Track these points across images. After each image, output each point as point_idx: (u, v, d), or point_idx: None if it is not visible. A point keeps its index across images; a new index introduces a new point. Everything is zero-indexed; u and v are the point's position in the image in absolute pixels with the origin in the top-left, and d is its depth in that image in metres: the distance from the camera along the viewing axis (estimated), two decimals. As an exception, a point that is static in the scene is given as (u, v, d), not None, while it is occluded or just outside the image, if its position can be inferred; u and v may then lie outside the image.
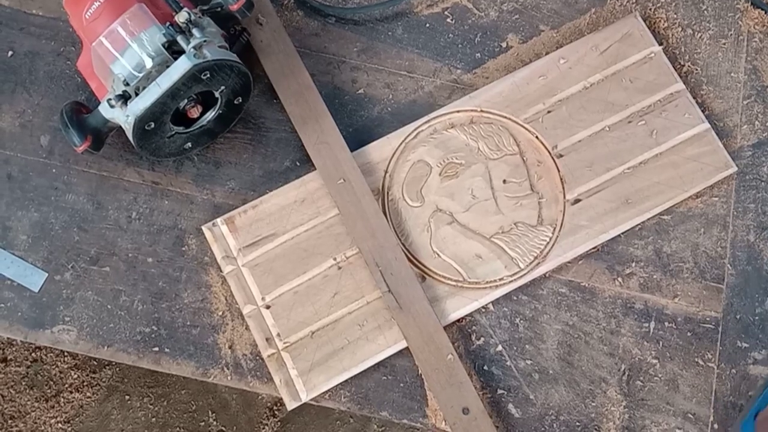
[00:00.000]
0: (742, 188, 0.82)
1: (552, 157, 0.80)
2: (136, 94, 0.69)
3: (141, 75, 0.69)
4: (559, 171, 0.80)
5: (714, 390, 0.77)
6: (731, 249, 0.80)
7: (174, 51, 0.70)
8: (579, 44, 0.83)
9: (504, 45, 0.86)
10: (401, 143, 0.80)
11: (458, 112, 0.81)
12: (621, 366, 0.77)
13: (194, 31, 0.69)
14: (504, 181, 0.80)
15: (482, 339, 0.77)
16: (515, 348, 0.77)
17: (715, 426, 0.77)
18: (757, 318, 0.79)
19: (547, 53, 0.83)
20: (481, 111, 0.81)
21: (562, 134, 0.80)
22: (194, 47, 0.68)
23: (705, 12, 0.87)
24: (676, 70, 0.83)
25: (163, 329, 0.77)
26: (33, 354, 1.45)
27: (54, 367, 1.45)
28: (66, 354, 1.45)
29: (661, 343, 0.78)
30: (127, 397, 1.46)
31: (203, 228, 0.78)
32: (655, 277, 0.79)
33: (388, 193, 0.80)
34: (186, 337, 0.77)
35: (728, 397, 0.77)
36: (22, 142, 0.82)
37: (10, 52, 0.84)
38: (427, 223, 0.79)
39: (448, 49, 0.86)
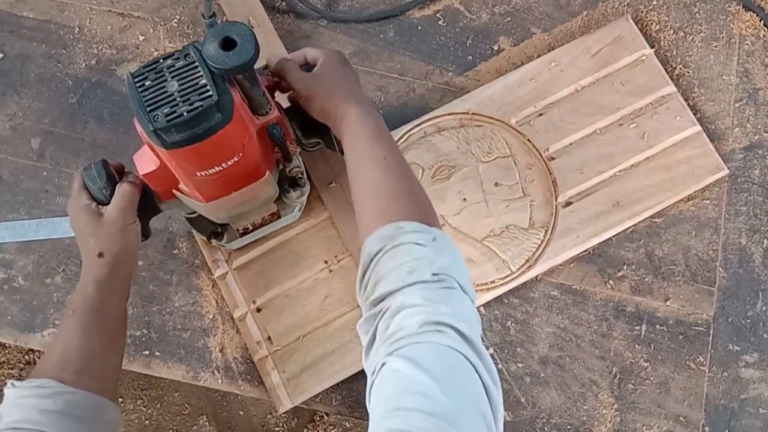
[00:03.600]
0: (734, 191, 0.82)
1: (543, 160, 0.80)
2: None
3: None
4: (550, 174, 0.79)
5: (705, 393, 0.77)
6: (723, 252, 0.80)
7: None
8: (570, 47, 0.83)
9: (496, 48, 0.86)
10: (392, 146, 0.80)
11: (450, 114, 0.81)
12: (612, 369, 0.77)
13: None
14: (495, 184, 0.79)
15: (473, 342, 0.77)
16: (506, 351, 0.77)
17: (707, 429, 0.77)
18: (748, 321, 0.79)
19: (538, 56, 0.83)
20: (473, 114, 0.81)
21: (554, 137, 0.80)
22: None
23: (697, 15, 0.87)
24: (667, 72, 0.83)
25: (153, 332, 0.77)
26: (26, 357, 1.45)
27: (47, 369, 1.44)
28: (59, 357, 1.44)
29: (652, 346, 0.78)
30: (120, 400, 1.45)
31: (194, 231, 0.78)
32: (646, 280, 0.79)
33: (379, 196, 0.79)
34: (176, 341, 0.77)
35: (720, 401, 0.77)
36: (12, 145, 0.82)
37: (1, 55, 0.84)
38: (418, 226, 0.78)
39: (440, 51, 0.85)
